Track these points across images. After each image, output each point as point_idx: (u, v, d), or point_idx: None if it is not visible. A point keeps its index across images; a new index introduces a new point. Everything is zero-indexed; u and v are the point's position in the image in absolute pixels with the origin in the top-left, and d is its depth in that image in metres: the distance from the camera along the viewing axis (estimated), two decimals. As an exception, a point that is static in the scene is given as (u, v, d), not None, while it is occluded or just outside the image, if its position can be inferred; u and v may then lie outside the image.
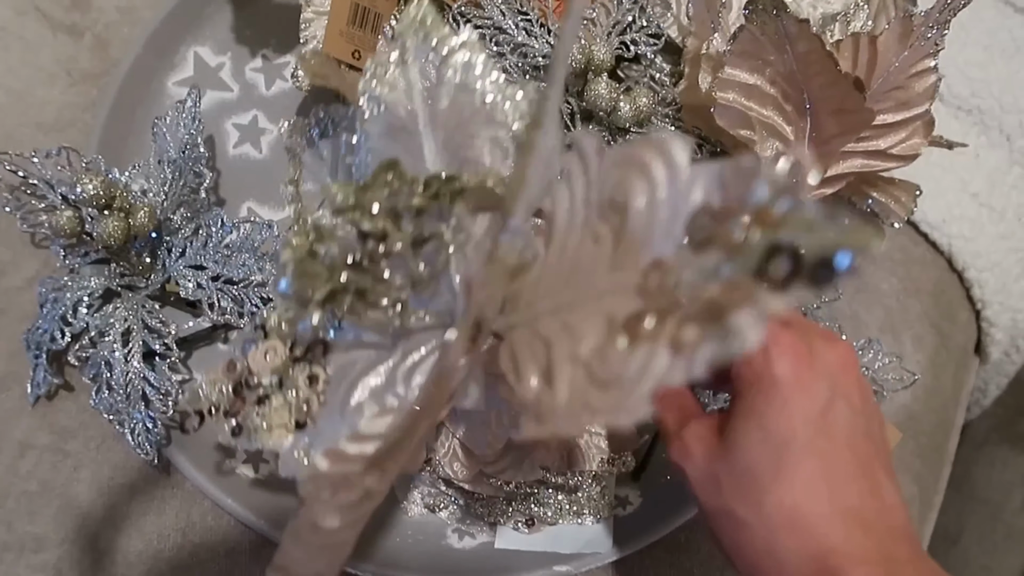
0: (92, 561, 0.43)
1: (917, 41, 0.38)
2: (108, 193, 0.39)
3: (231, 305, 0.41)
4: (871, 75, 0.39)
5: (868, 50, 0.38)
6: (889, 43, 0.38)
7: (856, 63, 0.38)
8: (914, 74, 0.39)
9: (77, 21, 0.49)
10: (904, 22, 0.37)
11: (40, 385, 0.42)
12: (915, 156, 0.40)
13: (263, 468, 0.44)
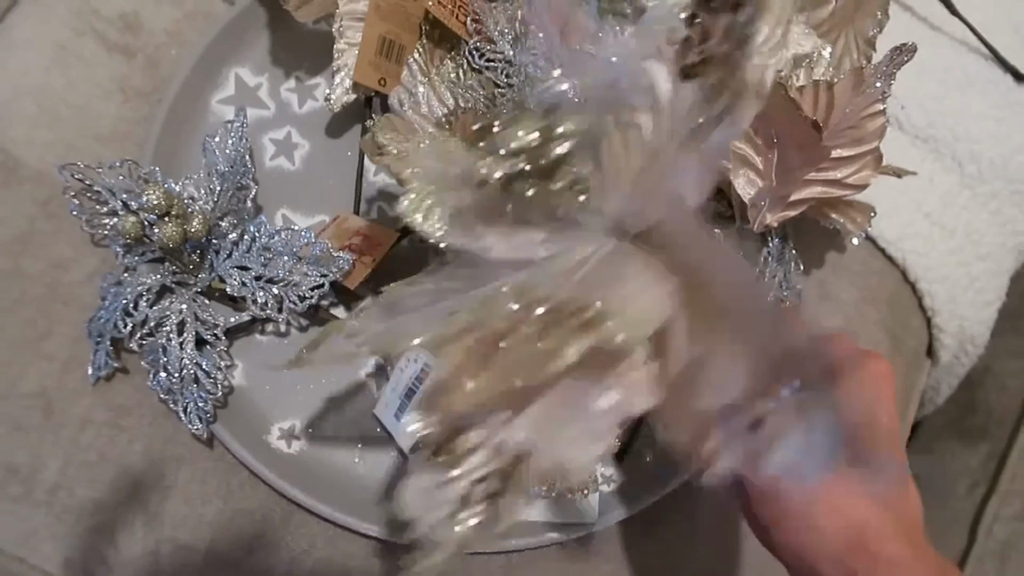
0: (143, 523, 0.49)
1: (868, 88, 0.44)
2: (168, 202, 0.45)
3: (272, 301, 0.47)
4: (829, 116, 0.45)
5: (826, 96, 0.44)
6: (844, 90, 0.44)
7: (816, 106, 0.45)
8: (866, 115, 0.45)
9: (130, 42, 0.55)
10: (856, 73, 0.44)
11: (101, 368, 0.48)
12: (866, 186, 0.46)
13: (295, 444, 0.50)
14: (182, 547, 0.49)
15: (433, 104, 0.49)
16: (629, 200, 0.29)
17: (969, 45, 0.62)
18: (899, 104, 0.60)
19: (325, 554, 0.49)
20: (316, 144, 0.54)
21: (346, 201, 0.53)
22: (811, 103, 0.45)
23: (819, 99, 0.45)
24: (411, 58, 0.50)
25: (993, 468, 0.67)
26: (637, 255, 0.30)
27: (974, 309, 0.63)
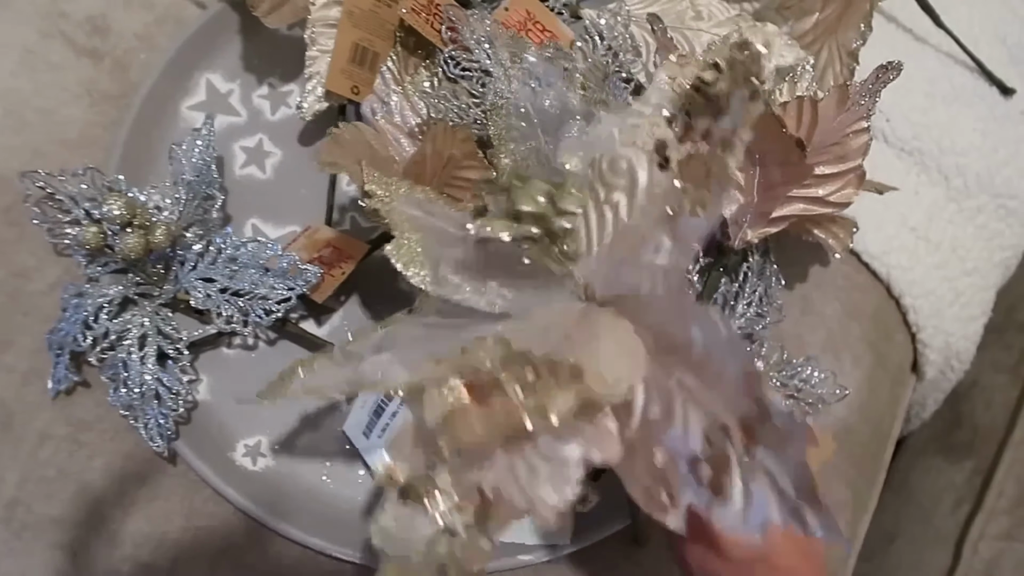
0: (104, 541, 0.48)
1: (852, 106, 0.43)
2: (130, 212, 0.43)
3: (237, 315, 0.45)
4: (812, 132, 0.44)
5: (810, 112, 0.43)
6: (828, 107, 0.43)
7: (800, 122, 0.44)
8: (850, 133, 0.44)
9: (98, 46, 0.54)
10: (841, 90, 0.43)
11: (60, 381, 0.47)
12: (848, 204, 0.45)
13: (261, 461, 0.49)
14: (144, 566, 0.48)
15: (407, 114, 0.48)
16: (600, 269, 0.31)
17: (955, 57, 0.61)
18: (884, 117, 0.59)
19: (292, 574, 0.48)
20: (288, 153, 0.53)
21: (318, 212, 0.51)
22: (795, 119, 0.44)
23: (803, 115, 0.44)
24: (384, 66, 0.49)
25: (979, 485, 0.66)
26: (609, 317, 0.30)
27: (959, 324, 0.62)
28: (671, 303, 0.29)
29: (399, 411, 0.46)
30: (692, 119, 0.30)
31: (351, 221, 0.53)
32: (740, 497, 0.26)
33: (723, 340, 0.26)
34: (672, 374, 0.28)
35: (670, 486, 0.27)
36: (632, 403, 0.28)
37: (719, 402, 0.26)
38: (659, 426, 0.28)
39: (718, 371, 0.26)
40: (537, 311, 0.32)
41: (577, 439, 0.27)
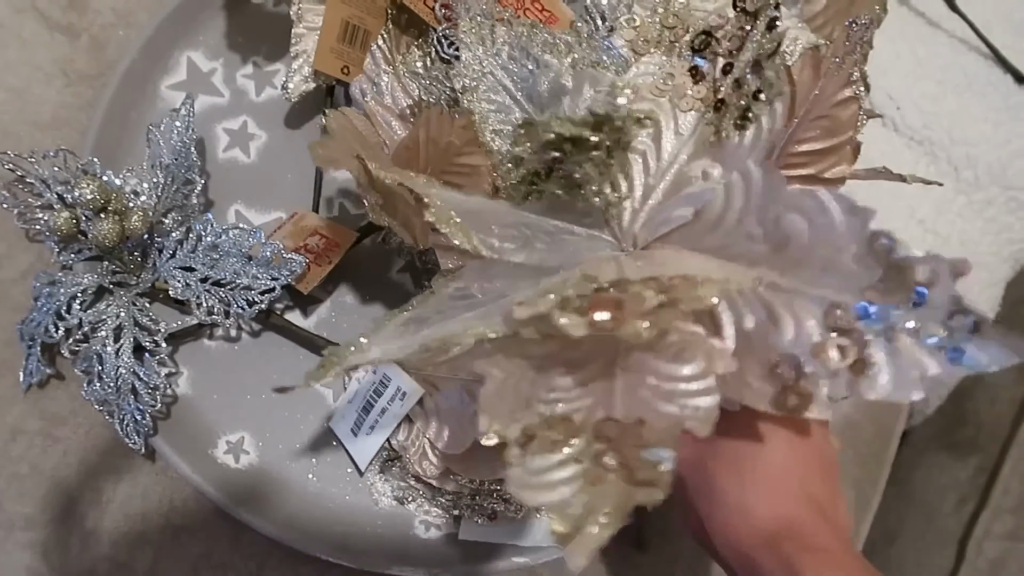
0: (79, 539, 0.46)
1: (830, 71, 0.41)
2: (104, 197, 0.41)
3: (218, 305, 0.43)
4: (793, 104, 0.42)
5: (786, 80, 0.41)
6: (803, 72, 0.41)
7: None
8: (837, 103, 0.42)
9: (74, 22, 0.51)
10: (814, 54, 0.40)
11: (33, 374, 0.45)
12: (843, 180, 0.43)
13: (243, 459, 0.46)
14: (121, 567, 0.46)
15: (398, 95, 0.45)
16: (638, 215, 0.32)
17: (969, 44, 0.59)
18: (895, 104, 0.57)
19: (277, 575, 0.46)
20: (274, 135, 0.51)
21: (305, 197, 0.49)
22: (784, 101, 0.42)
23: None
24: (375, 45, 0.46)
25: (983, 483, 0.65)
26: (668, 250, 0.31)
27: (967, 320, 0.60)
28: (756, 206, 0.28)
29: (388, 407, 0.44)
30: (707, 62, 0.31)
31: (339, 208, 0.50)
32: (886, 365, 0.25)
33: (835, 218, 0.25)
34: (759, 283, 0.28)
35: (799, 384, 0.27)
36: (720, 322, 0.28)
37: (833, 283, 0.26)
38: (766, 332, 0.27)
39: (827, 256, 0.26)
40: (590, 263, 0.31)
41: (695, 358, 0.27)
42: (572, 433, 0.27)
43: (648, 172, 0.33)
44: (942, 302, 0.24)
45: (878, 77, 0.57)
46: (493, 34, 0.44)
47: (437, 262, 0.48)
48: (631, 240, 0.33)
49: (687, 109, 0.33)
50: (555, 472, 0.26)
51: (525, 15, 0.49)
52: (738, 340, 0.28)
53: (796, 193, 0.27)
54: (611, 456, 0.26)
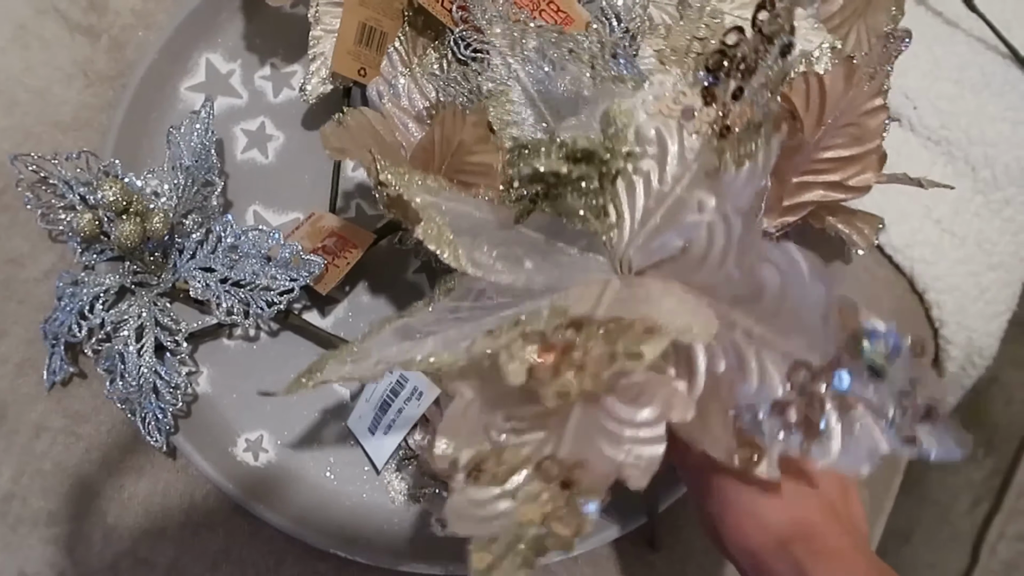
0: (101, 535, 0.46)
1: (862, 80, 0.41)
2: (126, 198, 0.42)
3: (238, 306, 0.44)
4: (822, 111, 0.42)
5: (817, 88, 0.41)
6: (835, 81, 0.41)
7: (808, 100, 0.42)
8: (865, 112, 0.42)
9: (94, 23, 0.52)
10: (847, 63, 0.41)
11: (56, 372, 0.45)
12: (868, 188, 0.43)
13: (262, 456, 0.47)
14: (142, 562, 0.46)
15: (414, 97, 0.46)
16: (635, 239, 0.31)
17: (987, 43, 0.58)
18: (912, 104, 0.57)
19: (295, 572, 0.47)
20: (291, 136, 0.51)
21: (322, 198, 0.49)
22: (803, 96, 0.42)
23: (810, 92, 0.41)
24: (392, 47, 0.47)
25: (998, 484, 0.65)
26: (653, 282, 0.30)
27: (983, 320, 0.60)
28: (735, 249, 0.28)
29: (405, 407, 0.45)
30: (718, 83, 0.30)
31: (356, 208, 0.51)
32: (839, 434, 0.25)
33: (804, 274, 0.25)
34: (735, 327, 0.27)
35: (753, 438, 0.27)
36: (694, 362, 0.28)
37: (800, 342, 0.26)
38: (733, 380, 0.27)
39: (797, 310, 0.26)
40: (575, 288, 0.31)
41: (652, 402, 0.27)
42: (516, 468, 0.27)
43: (649, 194, 0.32)
44: (899, 379, 0.24)
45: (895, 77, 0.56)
46: (524, 40, 0.44)
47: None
48: (627, 263, 0.33)
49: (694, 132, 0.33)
50: (491, 505, 0.26)
51: (540, 16, 0.49)
52: (707, 384, 0.28)
53: (770, 245, 0.27)
54: (546, 497, 0.26)
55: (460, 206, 0.36)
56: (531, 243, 0.34)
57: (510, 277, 0.32)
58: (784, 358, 0.26)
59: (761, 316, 0.27)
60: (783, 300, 0.26)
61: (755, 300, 0.27)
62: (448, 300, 0.34)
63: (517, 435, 0.28)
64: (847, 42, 0.48)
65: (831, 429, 0.25)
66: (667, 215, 0.32)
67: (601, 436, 0.27)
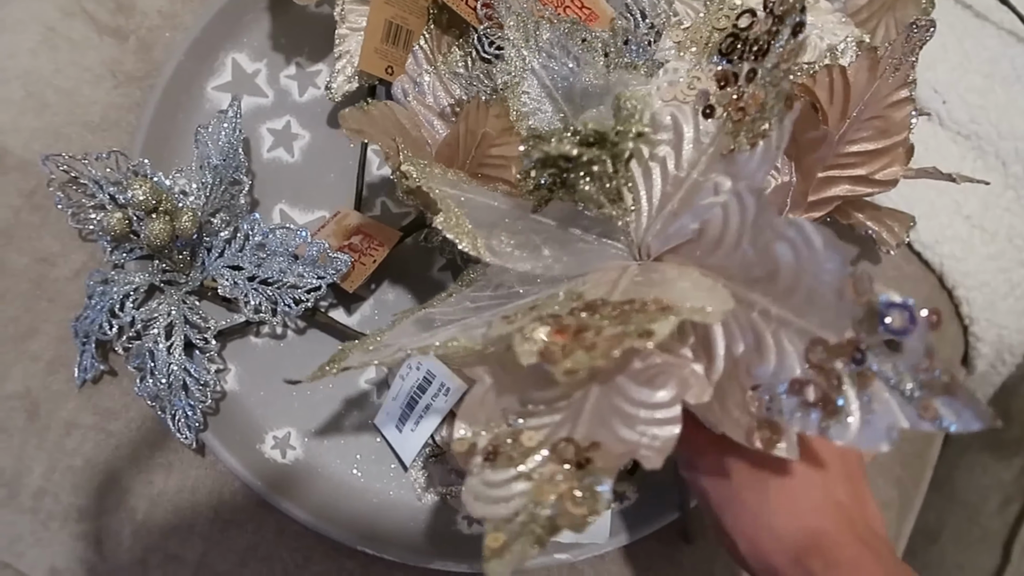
0: (131, 531, 0.47)
1: (886, 72, 0.40)
2: (155, 198, 0.42)
3: (265, 303, 0.44)
4: (847, 104, 0.41)
5: (841, 80, 0.41)
6: (859, 73, 0.40)
7: (832, 92, 0.41)
8: (891, 104, 0.42)
9: (122, 24, 0.52)
10: (871, 54, 0.40)
11: (87, 370, 0.46)
12: (895, 182, 0.43)
13: (290, 454, 0.47)
14: (172, 558, 0.47)
15: (439, 94, 0.46)
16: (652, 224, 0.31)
17: (1017, 36, 0.58)
18: (940, 98, 0.56)
19: (322, 569, 0.47)
20: (317, 135, 0.51)
21: (347, 196, 0.50)
22: (827, 88, 0.41)
23: (833, 85, 0.41)
24: (416, 45, 0.47)
25: (1028, 484, 0.64)
26: (669, 267, 0.30)
27: (1014, 317, 0.59)
28: (749, 229, 0.28)
29: (432, 403, 0.45)
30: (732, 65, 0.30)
31: (381, 206, 0.51)
32: (857, 410, 0.25)
33: (819, 249, 0.25)
34: (753, 307, 0.27)
35: (772, 417, 0.27)
36: (713, 344, 0.28)
37: (816, 319, 0.26)
38: (751, 360, 0.27)
39: (812, 287, 0.25)
40: (594, 274, 0.31)
41: (668, 384, 0.27)
42: (532, 450, 0.27)
43: (667, 180, 0.33)
44: (915, 352, 0.24)
45: (924, 71, 0.56)
46: (537, 32, 0.44)
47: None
48: (645, 250, 0.33)
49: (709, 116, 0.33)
50: (508, 487, 0.26)
51: (565, 13, 0.49)
52: (726, 365, 0.28)
53: (783, 222, 0.26)
54: (561, 478, 0.26)
55: (479, 198, 0.37)
56: (549, 231, 0.34)
57: (528, 265, 0.32)
58: (801, 336, 0.26)
59: (777, 295, 0.27)
60: (798, 277, 0.26)
61: (771, 279, 0.27)
62: (468, 291, 0.34)
63: (534, 418, 0.28)
64: (875, 36, 0.48)
65: (849, 406, 0.25)
66: (684, 200, 0.32)
67: (617, 418, 0.27)
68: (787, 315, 0.26)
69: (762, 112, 0.29)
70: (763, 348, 0.27)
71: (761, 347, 0.27)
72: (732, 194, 0.29)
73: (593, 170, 0.31)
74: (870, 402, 0.25)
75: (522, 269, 0.32)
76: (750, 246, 0.28)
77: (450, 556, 0.45)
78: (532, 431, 0.28)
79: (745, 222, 0.28)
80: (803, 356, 0.26)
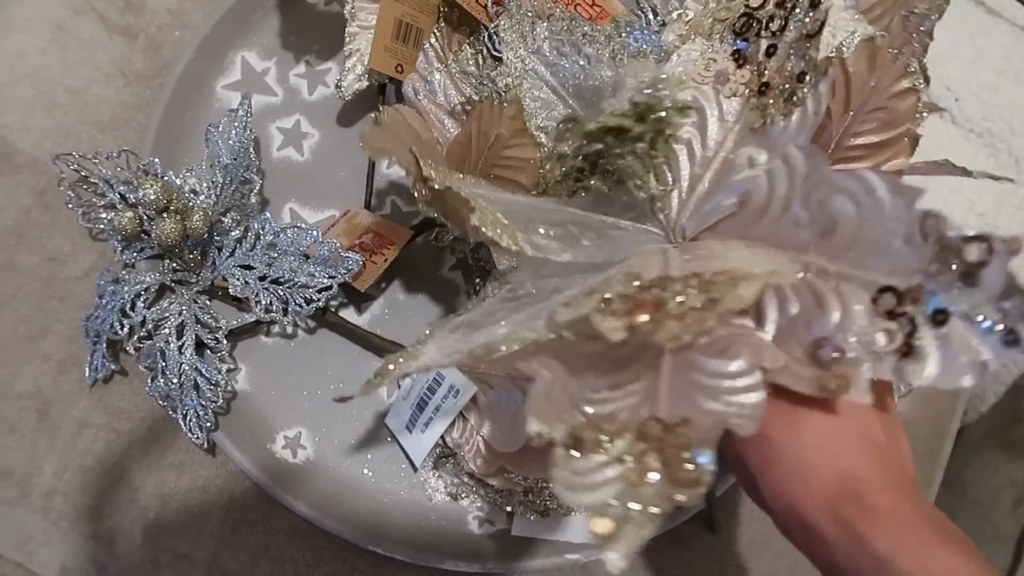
0: (141, 531, 0.47)
1: (886, 63, 0.40)
2: (166, 197, 0.42)
3: (276, 303, 0.44)
4: (848, 97, 0.41)
5: (841, 72, 0.40)
6: (858, 64, 0.40)
7: (833, 85, 0.41)
8: (894, 94, 0.41)
9: (131, 23, 0.52)
10: (869, 45, 0.39)
11: (98, 369, 0.46)
12: (900, 173, 0.42)
13: (301, 453, 0.47)
14: (183, 557, 0.47)
15: (450, 93, 0.46)
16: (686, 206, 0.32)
17: (1031, 31, 0.57)
18: (953, 95, 0.56)
19: (333, 568, 0.47)
20: (326, 134, 0.51)
21: (357, 195, 0.49)
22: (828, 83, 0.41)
23: (834, 79, 0.40)
24: (427, 43, 0.46)
25: (1040, 483, 0.63)
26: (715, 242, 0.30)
27: (1026, 316, 0.58)
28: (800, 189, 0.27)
29: (442, 404, 0.44)
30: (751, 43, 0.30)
31: (391, 205, 0.51)
32: (936, 350, 0.25)
33: (883, 198, 0.25)
34: (808, 268, 0.27)
35: (840, 368, 0.27)
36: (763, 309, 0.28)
37: (883, 268, 0.26)
38: (810, 318, 0.27)
39: (876, 237, 0.25)
40: (635, 258, 0.31)
41: (741, 353, 0.27)
42: (616, 433, 0.27)
43: (694, 161, 0.32)
44: (995, 283, 0.24)
45: (936, 68, 0.55)
46: (533, 31, 0.43)
47: (488, 259, 0.49)
48: (680, 231, 0.33)
49: (731, 95, 0.33)
50: (598, 473, 0.26)
51: (576, 11, 0.49)
52: (781, 325, 0.28)
53: (841, 175, 0.26)
54: (653, 456, 0.26)
55: (501, 197, 0.36)
56: (583, 221, 0.34)
57: (569, 255, 0.32)
58: (867, 287, 0.26)
59: (835, 252, 0.27)
60: (860, 230, 0.26)
61: (826, 236, 0.26)
62: (504, 291, 0.34)
63: (609, 404, 0.28)
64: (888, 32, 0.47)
65: (926, 347, 0.25)
66: (715, 179, 0.32)
67: (698, 392, 0.27)
68: (848, 270, 0.26)
69: (792, 82, 0.29)
70: (824, 304, 0.27)
71: (822, 303, 0.27)
72: (777, 159, 0.29)
73: (636, 148, 0.31)
74: (948, 340, 0.24)
75: (563, 260, 0.32)
76: (802, 207, 0.27)
77: (461, 556, 0.45)
78: (610, 416, 0.27)
79: (795, 184, 0.28)
80: (869, 306, 0.26)
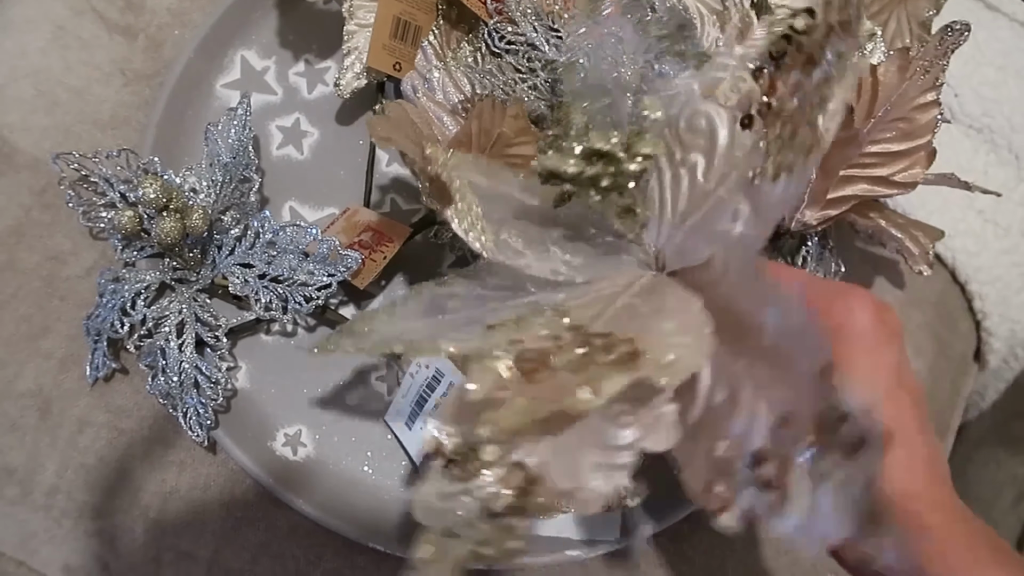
0: (144, 529, 0.47)
1: (916, 74, 0.40)
2: (166, 196, 0.42)
3: (276, 301, 0.44)
4: (873, 103, 0.41)
5: (870, 79, 0.40)
6: (889, 74, 0.40)
7: (859, 91, 0.41)
8: (917, 106, 0.41)
9: (131, 23, 0.52)
10: (902, 55, 0.40)
11: (99, 368, 0.46)
12: (915, 184, 0.42)
13: (301, 451, 0.47)
14: (184, 555, 0.47)
15: (449, 90, 0.46)
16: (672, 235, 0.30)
17: (1031, 27, 0.57)
18: (952, 91, 0.56)
19: (334, 566, 0.47)
20: (326, 132, 0.51)
21: (357, 193, 0.50)
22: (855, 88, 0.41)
23: (861, 83, 0.41)
24: (425, 41, 0.47)
25: (1041, 479, 0.63)
26: (676, 290, 0.28)
27: (1027, 312, 0.58)
28: (743, 279, 0.26)
29: (442, 401, 0.45)
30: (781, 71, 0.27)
31: (391, 203, 0.51)
32: (803, 508, 0.23)
33: (797, 327, 0.23)
34: (740, 358, 0.25)
35: (729, 482, 0.25)
36: (697, 386, 0.26)
37: (790, 394, 0.24)
38: (723, 414, 0.25)
39: (789, 360, 0.24)
40: (600, 281, 0.30)
41: (633, 425, 0.25)
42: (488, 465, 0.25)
43: (694, 189, 0.31)
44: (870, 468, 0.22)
45: (936, 64, 0.55)
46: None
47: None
48: (662, 260, 0.31)
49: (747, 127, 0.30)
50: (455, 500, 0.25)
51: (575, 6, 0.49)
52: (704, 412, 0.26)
53: (772, 286, 0.24)
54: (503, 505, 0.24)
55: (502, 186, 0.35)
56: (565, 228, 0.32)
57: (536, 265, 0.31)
58: (775, 407, 0.24)
59: (762, 354, 0.25)
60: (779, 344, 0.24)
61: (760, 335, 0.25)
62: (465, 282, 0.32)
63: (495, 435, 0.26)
64: (887, 29, 0.48)
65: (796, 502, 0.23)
66: (706, 216, 0.30)
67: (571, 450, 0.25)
68: (768, 377, 0.25)
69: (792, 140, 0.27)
70: (738, 405, 0.25)
71: (737, 403, 0.25)
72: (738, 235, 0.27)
73: (601, 185, 0.29)
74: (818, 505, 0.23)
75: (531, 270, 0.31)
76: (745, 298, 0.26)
77: (462, 553, 0.45)
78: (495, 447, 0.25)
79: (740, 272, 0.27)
80: (771, 430, 0.24)
